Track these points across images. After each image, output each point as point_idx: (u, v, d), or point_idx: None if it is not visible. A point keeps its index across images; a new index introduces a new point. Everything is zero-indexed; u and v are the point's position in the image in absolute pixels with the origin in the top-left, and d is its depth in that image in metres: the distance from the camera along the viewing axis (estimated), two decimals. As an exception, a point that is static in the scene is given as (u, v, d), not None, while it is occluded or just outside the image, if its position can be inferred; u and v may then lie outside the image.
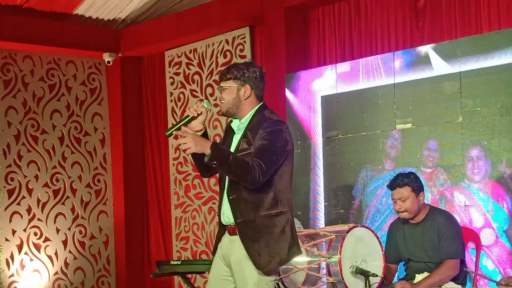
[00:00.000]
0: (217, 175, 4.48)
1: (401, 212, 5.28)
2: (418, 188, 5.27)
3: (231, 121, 4.43)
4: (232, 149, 4.30)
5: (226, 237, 4.32)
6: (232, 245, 4.26)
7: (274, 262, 4.14)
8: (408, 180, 5.25)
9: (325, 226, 6.53)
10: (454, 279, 5.15)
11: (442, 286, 4.98)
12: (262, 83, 4.37)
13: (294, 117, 7.06)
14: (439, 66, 6.05)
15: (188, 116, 4.31)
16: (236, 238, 4.23)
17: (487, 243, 5.70)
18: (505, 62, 5.68)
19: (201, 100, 4.48)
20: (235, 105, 4.32)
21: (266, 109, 4.36)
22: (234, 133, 4.38)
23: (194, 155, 4.32)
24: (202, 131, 4.33)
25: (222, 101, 4.32)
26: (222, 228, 4.36)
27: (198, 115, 4.31)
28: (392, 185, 5.31)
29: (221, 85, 4.34)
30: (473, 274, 5.37)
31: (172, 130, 4.31)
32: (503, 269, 5.65)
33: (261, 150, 4.14)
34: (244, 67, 4.36)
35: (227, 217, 4.28)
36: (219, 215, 4.37)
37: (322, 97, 6.86)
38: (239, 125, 4.35)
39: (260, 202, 4.19)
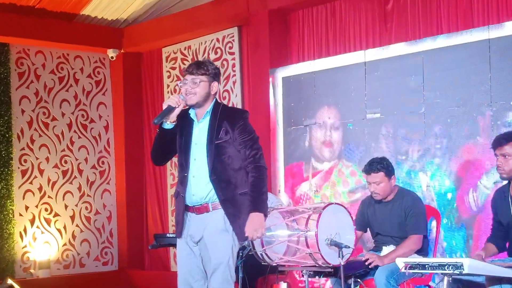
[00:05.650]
0: (177, 161, 4.25)
1: (375, 194, 5.21)
2: (390, 172, 5.17)
3: (188, 109, 4.21)
4: (205, 135, 4.13)
5: (192, 216, 4.12)
6: (201, 222, 4.09)
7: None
8: (381, 166, 5.14)
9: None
10: (418, 252, 5.09)
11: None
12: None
13: (275, 106, 7.03)
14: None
15: (170, 107, 4.14)
16: (207, 215, 4.08)
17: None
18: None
19: (179, 93, 4.22)
20: (204, 98, 4.16)
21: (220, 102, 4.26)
22: (193, 121, 4.19)
23: (159, 140, 4.22)
24: (175, 123, 4.16)
25: (194, 94, 4.13)
26: (184, 209, 4.13)
27: (178, 106, 4.14)
28: (368, 171, 5.18)
29: (194, 79, 4.12)
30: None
31: (159, 119, 4.22)
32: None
33: (251, 140, 4.09)
34: (212, 65, 4.19)
35: (198, 197, 4.09)
36: (183, 197, 4.12)
37: (300, 89, 6.81)
38: (204, 115, 4.17)
39: (237, 183, 4.10)
